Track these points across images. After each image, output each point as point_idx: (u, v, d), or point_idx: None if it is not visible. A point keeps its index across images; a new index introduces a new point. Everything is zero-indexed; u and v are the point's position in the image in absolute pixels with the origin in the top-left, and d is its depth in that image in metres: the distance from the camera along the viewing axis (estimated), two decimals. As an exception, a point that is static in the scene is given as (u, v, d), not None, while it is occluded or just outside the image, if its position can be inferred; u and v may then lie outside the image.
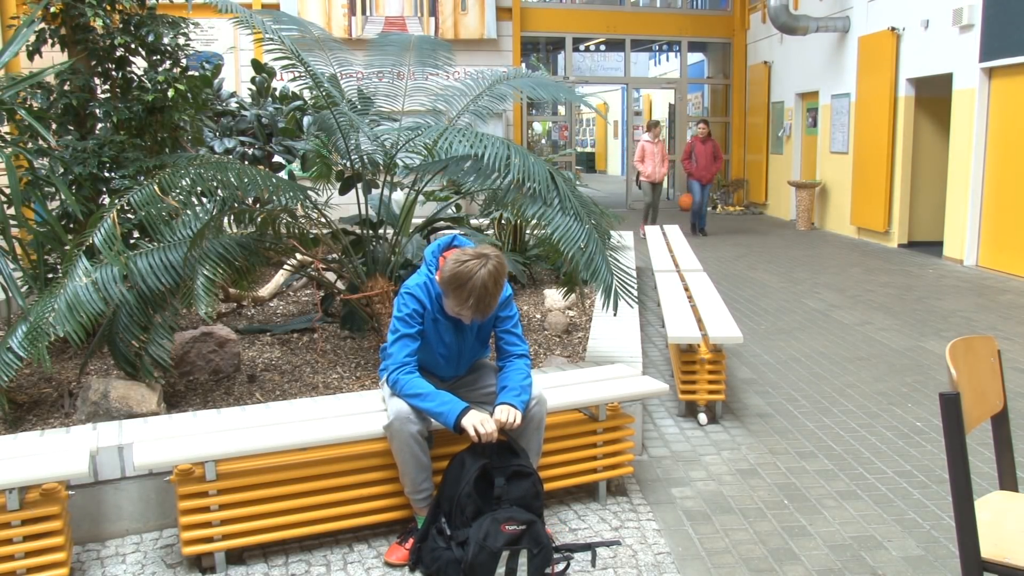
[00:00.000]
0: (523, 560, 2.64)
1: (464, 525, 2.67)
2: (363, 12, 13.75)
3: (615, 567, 2.83)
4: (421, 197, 4.71)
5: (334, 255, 4.85)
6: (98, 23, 4.28)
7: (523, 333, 3.05)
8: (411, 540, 2.84)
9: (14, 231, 3.97)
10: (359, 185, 4.60)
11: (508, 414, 2.74)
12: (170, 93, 4.49)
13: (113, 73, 4.58)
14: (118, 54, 4.50)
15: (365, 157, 4.43)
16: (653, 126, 12.19)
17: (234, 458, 2.77)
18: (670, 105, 18.71)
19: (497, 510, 2.68)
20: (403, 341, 2.85)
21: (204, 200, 4.16)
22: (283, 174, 5.87)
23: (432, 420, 2.83)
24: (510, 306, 2.99)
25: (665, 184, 14.17)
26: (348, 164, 4.60)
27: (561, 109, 20.58)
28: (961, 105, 9.30)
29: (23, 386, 3.89)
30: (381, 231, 4.67)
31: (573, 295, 4.80)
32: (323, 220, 4.38)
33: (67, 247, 3.66)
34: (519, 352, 2.97)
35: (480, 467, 2.70)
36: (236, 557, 2.87)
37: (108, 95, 4.60)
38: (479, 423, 2.68)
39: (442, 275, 2.78)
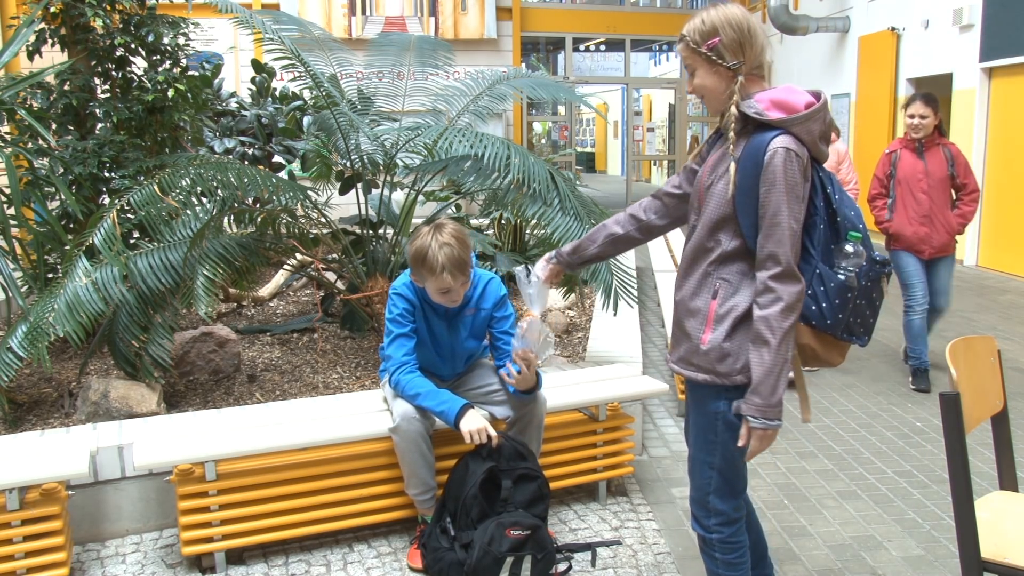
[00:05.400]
0: (526, 564, 2.64)
1: (469, 527, 2.67)
2: (363, 12, 13.75)
3: (615, 567, 2.83)
4: (421, 197, 4.71)
5: (334, 255, 4.85)
6: (98, 23, 4.28)
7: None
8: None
9: (14, 231, 3.97)
10: (359, 185, 4.60)
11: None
12: (170, 93, 4.49)
13: (113, 73, 4.58)
14: (118, 54, 4.50)
15: (365, 157, 4.43)
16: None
17: (234, 458, 2.77)
18: (670, 105, 18.70)
19: (502, 514, 2.67)
20: (399, 341, 2.85)
21: (204, 200, 4.16)
22: (283, 174, 5.87)
23: (436, 418, 2.84)
24: (505, 305, 2.99)
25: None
26: (348, 164, 4.60)
27: (561, 109, 20.58)
28: (961, 105, 9.30)
29: (23, 386, 3.89)
30: (381, 231, 4.67)
31: (573, 295, 4.80)
32: (323, 220, 4.38)
33: (67, 247, 3.66)
34: None
35: (487, 470, 2.69)
36: (236, 557, 2.87)
37: (108, 95, 4.60)
38: (475, 431, 2.68)
39: (409, 262, 2.78)
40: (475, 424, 2.69)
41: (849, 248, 1.88)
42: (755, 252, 1.89)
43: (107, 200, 4.26)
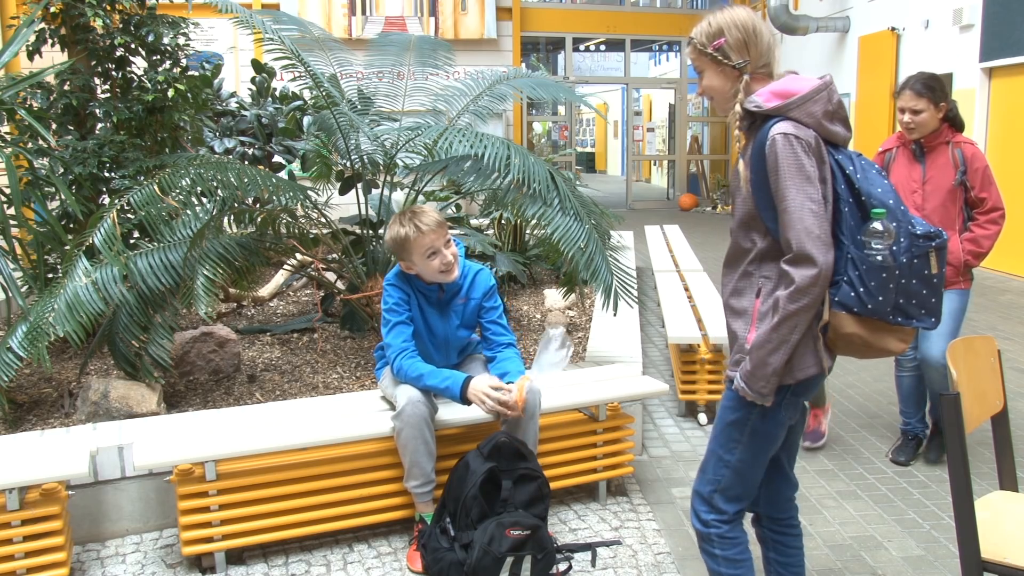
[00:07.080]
0: (526, 564, 2.64)
1: (469, 527, 2.67)
2: (363, 12, 13.75)
3: (615, 567, 2.83)
4: (421, 197, 4.71)
5: (334, 255, 4.85)
6: (98, 23, 4.28)
7: (514, 329, 3.08)
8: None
9: (14, 231, 3.97)
10: (359, 185, 4.60)
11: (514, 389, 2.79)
12: (170, 93, 4.49)
13: (113, 73, 4.58)
14: (118, 54, 4.50)
15: (365, 157, 4.43)
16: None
17: (234, 458, 2.77)
18: (670, 105, 18.71)
19: (502, 514, 2.68)
20: (397, 329, 2.90)
21: (204, 200, 4.16)
22: (283, 174, 5.87)
23: (438, 405, 2.88)
24: (494, 297, 3.07)
25: None
26: (348, 164, 4.60)
27: (561, 109, 20.57)
28: (961, 105, 9.27)
29: (23, 386, 3.89)
30: (381, 231, 4.67)
31: (573, 295, 4.80)
32: (323, 220, 4.38)
33: (67, 247, 3.66)
34: (507, 341, 3.04)
35: (487, 470, 2.70)
36: (236, 557, 2.87)
37: (108, 95, 4.60)
38: (487, 390, 2.73)
39: (393, 254, 2.88)
40: (482, 388, 2.74)
41: (877, 226, 1.80)
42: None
43: (107, 200, 4.26)
